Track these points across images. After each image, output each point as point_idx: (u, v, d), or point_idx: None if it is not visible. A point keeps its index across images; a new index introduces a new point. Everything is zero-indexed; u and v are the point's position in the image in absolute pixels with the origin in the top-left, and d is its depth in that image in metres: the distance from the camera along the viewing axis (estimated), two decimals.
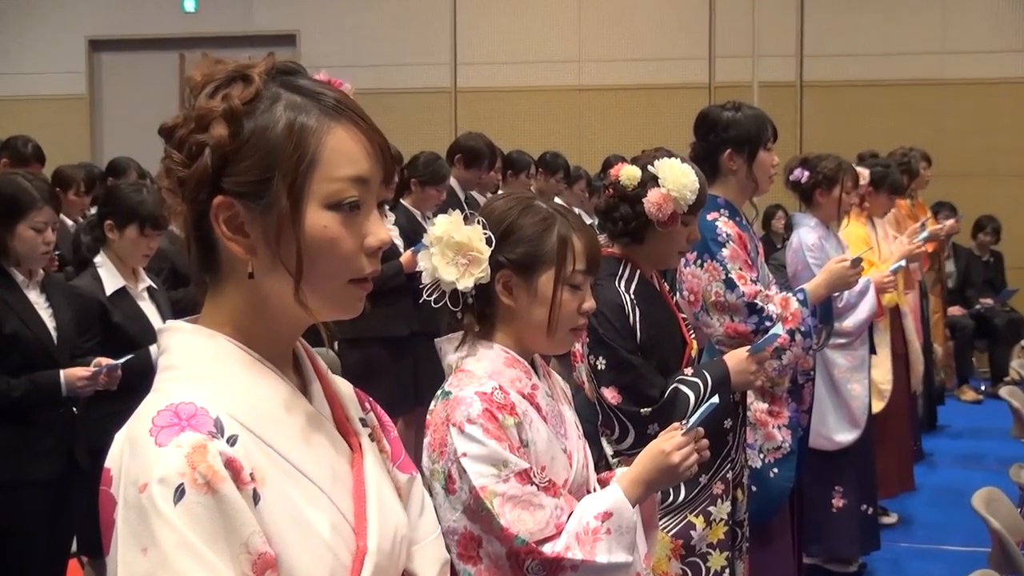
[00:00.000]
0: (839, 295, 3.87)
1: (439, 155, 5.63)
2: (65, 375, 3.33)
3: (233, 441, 1.11)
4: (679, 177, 2.67)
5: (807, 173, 4.51)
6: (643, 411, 2.65)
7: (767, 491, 3.40)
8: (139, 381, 1.12)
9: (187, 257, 1.25)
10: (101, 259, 3.72)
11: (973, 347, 8.94)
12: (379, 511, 1.24)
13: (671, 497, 2.76)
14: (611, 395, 2.66)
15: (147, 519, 1.05)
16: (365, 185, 1.19)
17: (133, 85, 10.49)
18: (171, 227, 3.87)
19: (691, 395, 2.70)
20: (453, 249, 1.90)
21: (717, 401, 2.13)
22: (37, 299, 3.43)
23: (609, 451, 2.71)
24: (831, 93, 9.63)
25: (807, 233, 4.54)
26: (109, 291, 3.68)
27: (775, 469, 3.42)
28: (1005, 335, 8.74)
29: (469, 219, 1.93)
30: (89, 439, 3.37)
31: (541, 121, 9.85)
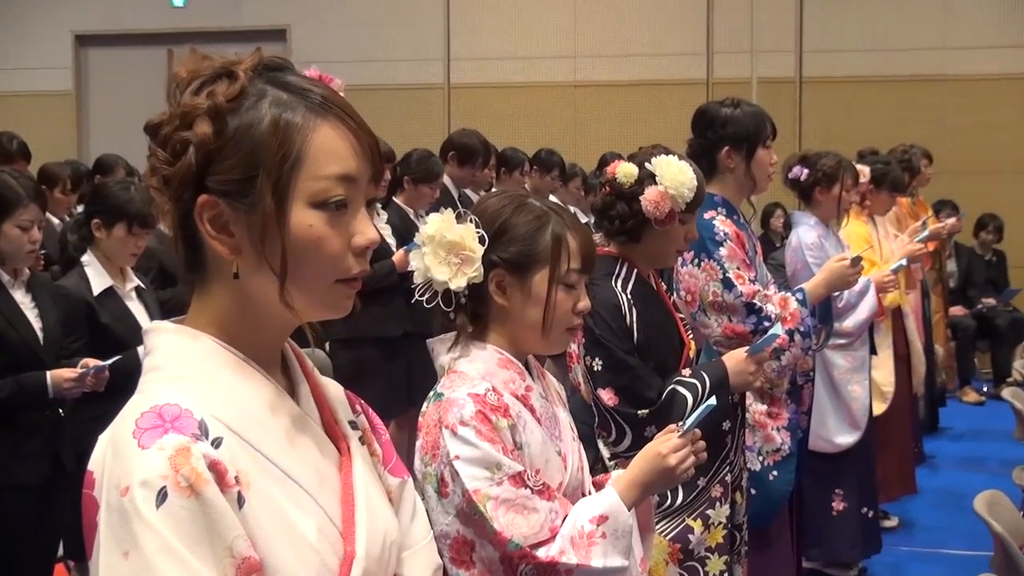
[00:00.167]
0: (839, 295, 3.89)
1: (432, 152, 5.62)
2: (52, 376, 3.31)
3: (218, 443, 1.11)
4: (677, 175, 2.66)
5: (806, 171, 4.49)
6: (640, 413, 2.65)
7: (766, 494, 3.38)
8: (127, 383, 1.11)
9: (175, 256, 1.25)
10: (88, 258, 3.71)
11: (975, 348, 8.91)
12: (368, 515, 1.23)
13: (669, 500, 2.74)
14: (608, 397, 2.65)
15: (129, 523, 1.05)
16: (352, 184, 1.19)
17: (120, 81, 10.43)
18: (160, 226, 3.84)
19: (689, 396, 2.69)
20: (445, 248, 1.89)
21: (714, 402, 2.13)
22: (23, 299, 3.41)
23: (606, 453, 2.70)
24: (831, 89, 9.58)
25: (806, 232, 4.53)
26: (96, 291, 3.66)
27: (774, 472, 3.41)
28: (1007, 335, 8.72)
29: (462, 218, 1.92)
30: (76, 442, 3.35)
31: (536, 118, 9.82)
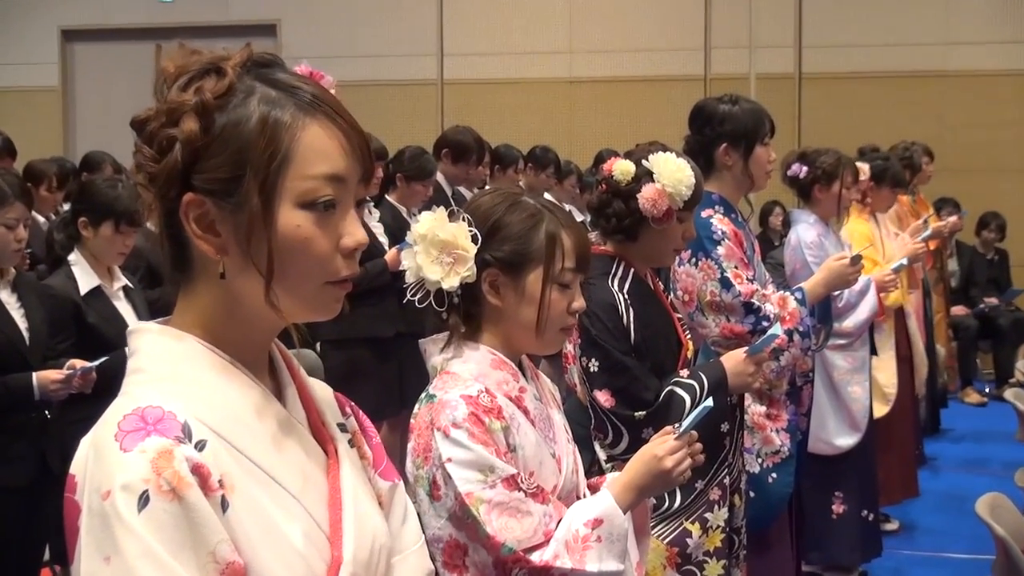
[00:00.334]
0: (838, 294, 3.88)
1: (425, 149, 5.61)
2: (38, 378, 3.29)
3: (201, 446, 1.10)
4: (674, 172, 2.65)
5: (805, 168, 4.48)
6: (637, 415, 2.64)
7: (765, 497, 3.36)
8: (114, 384, 1.09)
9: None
10: (75, 257, 3.67)
11: (977, 348, 8.88)
12: (356, 520, 1.22)
13: (666, 503, 2.73)
14: (604, 398, 2.64)
15: (110, 527, 1.04)
16: (341, 184, 1.17)
17: (108, 77, 10.37)
18: (147, 224, 3.79)
19: (687, 398, 2.68)
20: (438, 247, 1.88)
21: (711, 404, 2.12)
22: (8, 299, 3.38)
23: (602, 456, 2.69)
24: (830, 85, 9.56)
25: (805, 230, 4.51)
26: (84, 290, 3.62)
27: (773, 474, 3.39)
28: (1010, 335, 8.69)
29: (454, 216, 1.90)
30: (62, 444, 3.31)
31: (531, 114, 9.78)
